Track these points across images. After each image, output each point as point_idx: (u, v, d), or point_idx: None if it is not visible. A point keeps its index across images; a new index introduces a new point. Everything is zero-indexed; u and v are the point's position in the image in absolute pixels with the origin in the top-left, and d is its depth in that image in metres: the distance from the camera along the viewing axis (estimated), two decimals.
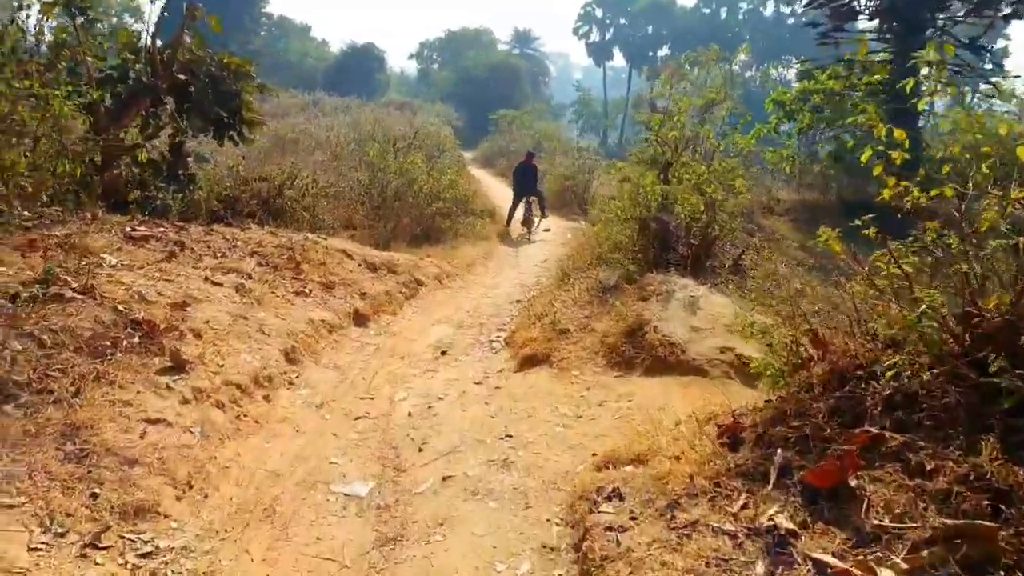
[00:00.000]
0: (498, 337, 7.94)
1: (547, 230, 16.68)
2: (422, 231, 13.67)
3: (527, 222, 16.02)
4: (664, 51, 58.50)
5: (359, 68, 53.92)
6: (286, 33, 61.77)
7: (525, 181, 16.18)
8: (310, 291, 7.40)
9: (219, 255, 7.28)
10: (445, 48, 66.78)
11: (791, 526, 2.61)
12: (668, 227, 7.75)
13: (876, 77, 17.05)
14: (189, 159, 9.54)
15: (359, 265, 8.97)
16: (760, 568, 2.49)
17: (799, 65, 22.77)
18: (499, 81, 55.58)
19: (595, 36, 61.20)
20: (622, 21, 60.44)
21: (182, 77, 9.24)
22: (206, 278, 6.32)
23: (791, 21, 55.50)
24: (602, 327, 6.32)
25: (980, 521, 2.27)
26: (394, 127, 24.19)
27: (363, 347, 6.94)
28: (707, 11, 58.28)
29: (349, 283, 8.16)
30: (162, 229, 7.42)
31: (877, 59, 18.34)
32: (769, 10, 57.44)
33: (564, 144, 30.17)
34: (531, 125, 34.34)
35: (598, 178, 21.82)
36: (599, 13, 60.85)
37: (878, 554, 2.36)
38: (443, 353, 7.05)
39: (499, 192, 19.89)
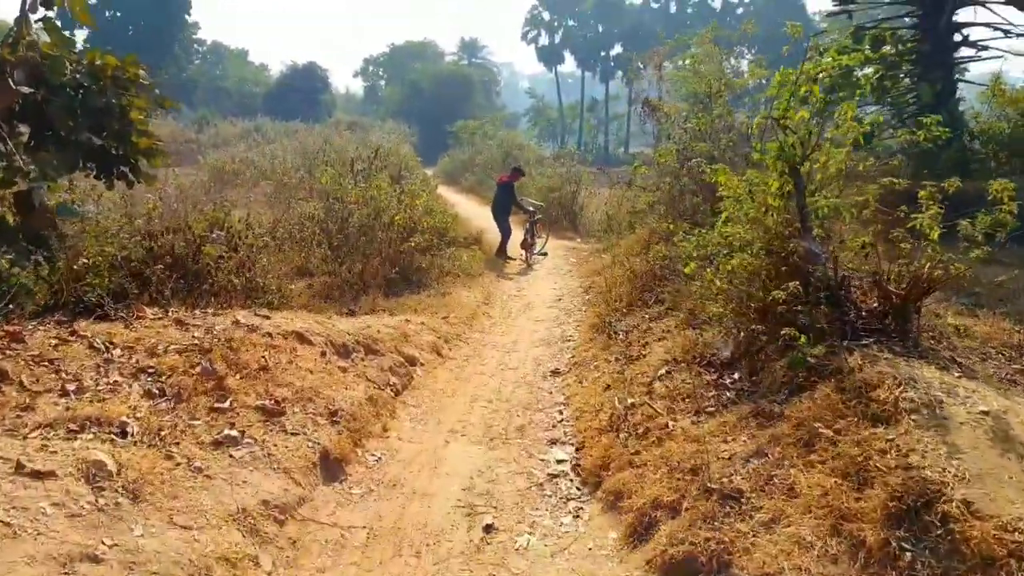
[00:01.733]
0: (560, 467, 4.86)
1: (544, 254, 13.62)
2: (398, 273, 10.48)
3: (526, 245, 12.95)
4: (617, 49, 56.11)
5: (302, 90, 50.42)
6: (221, 59, 57.90)
7: (505, 198, 13.15)
8: (243, 432, 4.20)
9: (74, 387, 4.03)
10: (390, 63, 63.61)
11: None
12: (817, 260, 4.72)
13: (907, 46, 14.46)
14: (50, 215, 6.20)
15: (322, 354, 5.76)
16: None
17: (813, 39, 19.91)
18: (450, 93, 52.62)
19: (544, 40, 58.58)
20: (571, 23, 58.00)
21: (26, 90, 5.84)
22: (19, 466, 3.09)
23: (740, 11, 53.70)
24: (812, 483, 3.21)
25: None
26: (347, 148, 20.98)
27: (342, 544, 3.76)
28: (656, 6, 56.14)
29: (309, 396, 4.96)
30: None
31: (899, 27, 15.70)
32: (718, 1, 55.57)
33: (537, 153, 27.17)
34: (495, 135, 31.27)
35: (586, 188, 18.85)
36: (546, 16, 58.30)
37: None
38: (487, 531, 3.91)
39: (476, 213, 16.74)
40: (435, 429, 5.52)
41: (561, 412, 5.88)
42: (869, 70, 7.63)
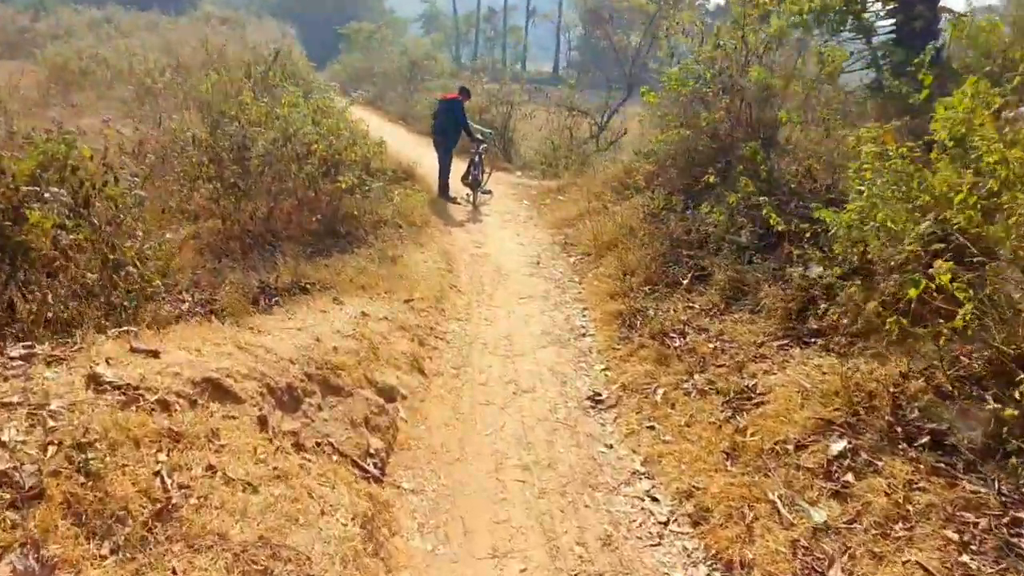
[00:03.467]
0: None
1: (488, 192, 11.04)
2: (321, 222, 7.72)
3: (473, 182, 10.32)
4: None
5: None
6: None
7: (449, 120, 10.34)
8: None
9: None
10: None
11: None
12: None
13: None
14: None
15: (260, 422, 3.18)
16: None
17: None
18: None
19: None
20: None
21: None
22: None
23: None
24: None
25: None
26: (228, 50, 17.05)
27: None
28: None
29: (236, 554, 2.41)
30: None
31: None
32: None
33: (449, 67, 23.84)
34: (396, 41, 27.43)
35: (520, 110, 16.16)
36: None
37: None
38: None
39: (396, 137, 13.71)
40: (468, 560, 3.15)
41: (656, 500, 3.66)
42: None
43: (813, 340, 4.47)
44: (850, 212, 4.42)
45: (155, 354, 3.20)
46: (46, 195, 3.67)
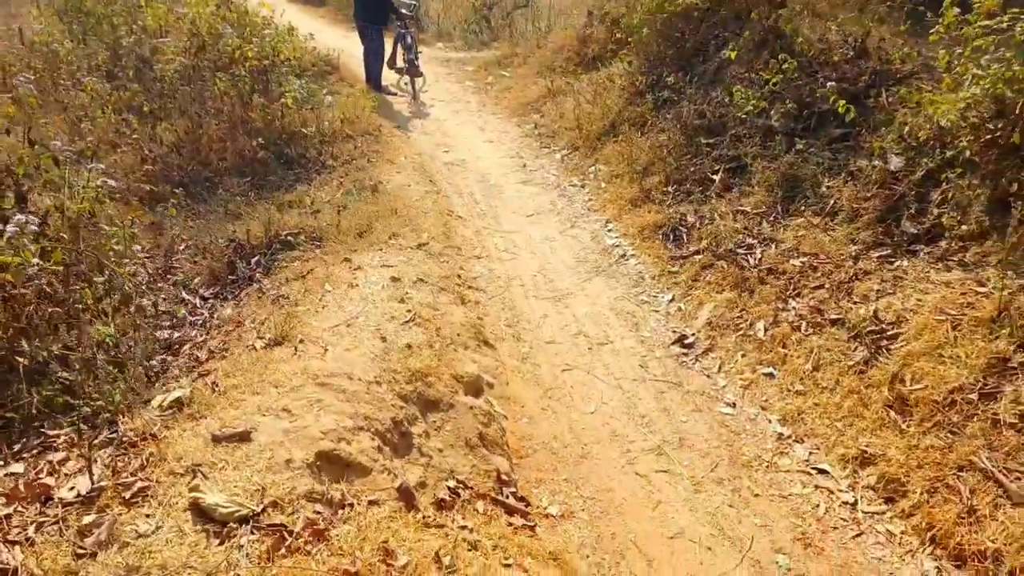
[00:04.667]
0: None
1: (421, 74, 9.60)
2: (266, 147, 6.46)
3: (410, 70, 8.93)
4: None
5: None
6: None
7: (374, 4, 8.70)
8: None
9: None
10: None
11: None
12: None
13: None
14: None
15: (401, 502, 2.42)
16: None
17: None
18: None
19: None
20: None
21: None
22: None
23: None
24: None
25: None
26: None
27: None
28: None
29: None
30: None
31: None
32: None
33: None
34: None
35: None
36: None
37: None
38: None
39: (287, 10, 11.63)
40: None
41: (824, 471, 3.22)
42: None
43: (918, 248, 4.02)
44: (965, 94, 3.85)
45: (246, 437, 2.31)
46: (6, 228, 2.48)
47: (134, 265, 3.47)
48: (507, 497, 2.89)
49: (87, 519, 1.93)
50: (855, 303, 3.89)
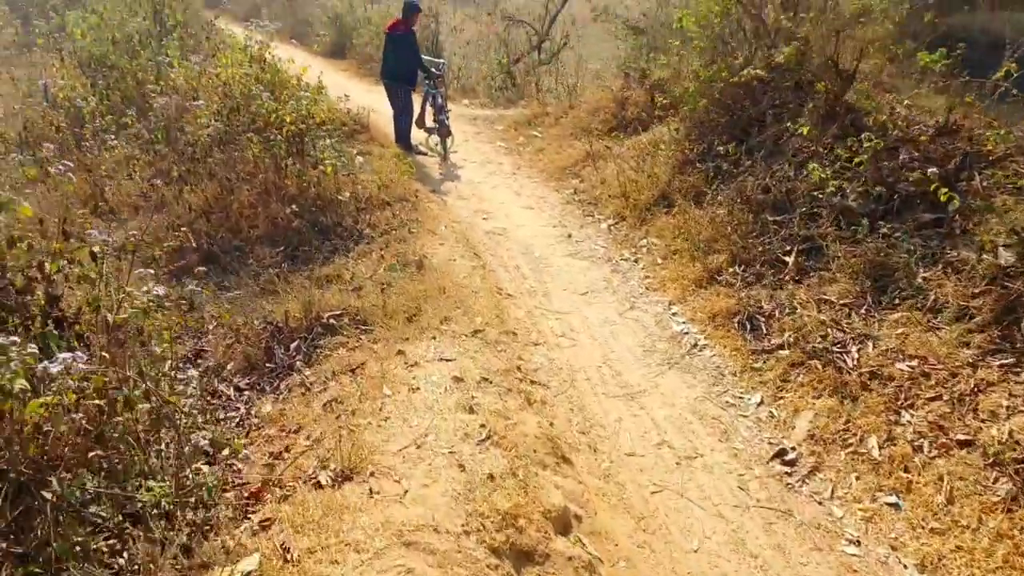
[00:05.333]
0: None
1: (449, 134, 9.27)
2: (300, 214, 6.06)
3: (440, 129, 8.62)
4: None
5: None
6: None
7: (405, 57, 8.41)
8: None
9: None
10: None
11: None
12: None
13: None
14: None
15: None
16: None
17: None
18: None
19: None
20: None
21: None
22: None
23: None
24: None
25: None
26: None
27: None
28: None
29: None
30: None
31: None
32: None
33: None
34: None
35: (452, 19, 14.04)
36: None
37: None
38: None
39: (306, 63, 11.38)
40: None
41: None
42: None
43: None
44: None
45: None
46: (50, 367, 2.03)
47: (181, 384, 3.00)
48: None
49: None
50: (983, 421, 3.43)
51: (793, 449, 3.77)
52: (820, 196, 5.25)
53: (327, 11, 16.37)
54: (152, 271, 3.34)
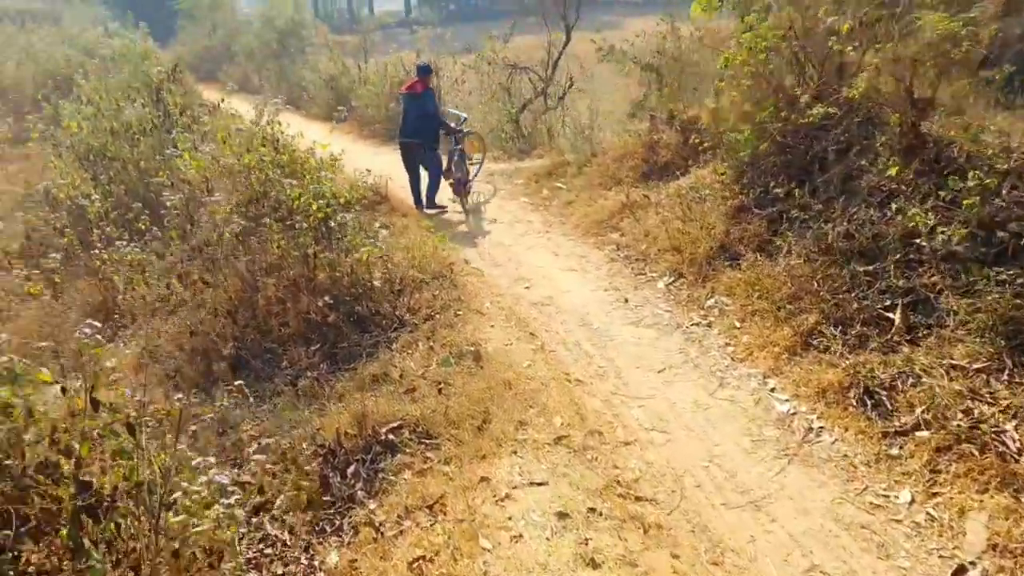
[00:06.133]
0: None
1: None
2: (332, 305, 5.47)
3: (463, 186, 8.14)
4: None
5: None
6: None
7: (426, 116, 8.02)
8: None
9: None
10: None
11: None
12: None
13: None
14: None
15: None
16: None
17: None
18: None
19: None
20: None
21: None
22: None
23: None
24: None
25: None
26: (56, 55, 13.43)
27: None
28: None
29: None
30: None
31: None
32: None
33: (326, 36, 20.38)
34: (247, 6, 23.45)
35: (452, 71, 13.63)
36: None
37: None
38: None
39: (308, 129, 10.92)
40: None
41: None
42: None
43: None
44: None
45: None
46: None
47: None
48: None
49: None
50: None
51: (973, 564, 3.11)
52: (916, 241, 4.67)
53: (320, 74, 16.04)
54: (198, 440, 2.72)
